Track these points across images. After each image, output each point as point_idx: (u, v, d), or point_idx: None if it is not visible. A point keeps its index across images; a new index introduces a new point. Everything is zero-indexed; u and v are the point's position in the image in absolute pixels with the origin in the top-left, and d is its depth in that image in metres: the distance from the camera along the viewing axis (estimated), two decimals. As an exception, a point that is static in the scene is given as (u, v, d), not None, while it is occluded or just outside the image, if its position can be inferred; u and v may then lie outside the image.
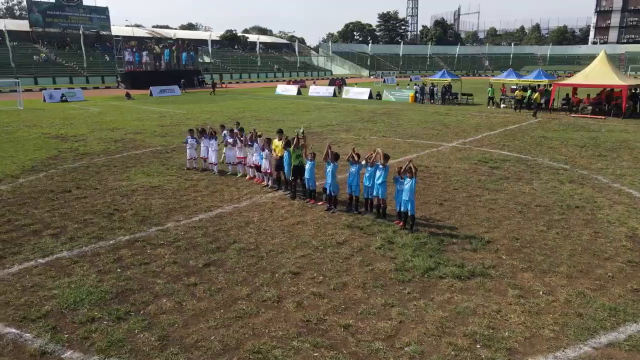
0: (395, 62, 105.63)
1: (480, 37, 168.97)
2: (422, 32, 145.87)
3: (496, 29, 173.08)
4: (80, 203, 11.80)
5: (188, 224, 10.31)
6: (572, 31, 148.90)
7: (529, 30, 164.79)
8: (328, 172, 11.06)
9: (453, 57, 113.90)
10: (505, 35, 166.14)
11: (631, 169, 15.60)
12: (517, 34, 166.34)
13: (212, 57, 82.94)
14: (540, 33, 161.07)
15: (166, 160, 16.84)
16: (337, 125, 26.19)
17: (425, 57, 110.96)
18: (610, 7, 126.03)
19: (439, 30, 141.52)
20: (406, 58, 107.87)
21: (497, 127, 25.36)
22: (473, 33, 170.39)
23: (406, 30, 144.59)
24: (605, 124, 26.34)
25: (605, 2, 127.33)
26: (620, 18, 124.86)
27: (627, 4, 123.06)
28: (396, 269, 8.09)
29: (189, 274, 7.92)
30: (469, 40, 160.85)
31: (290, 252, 8.82)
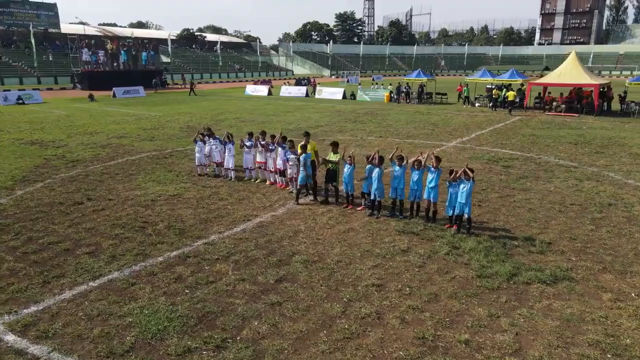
0: (355, 62, 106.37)
1: (432, 37, 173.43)
2: (378, 32, 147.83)
3: (447, 30, 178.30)
4: (101, 216, 10.82)
5: (233, 236, 9.65)
6: (518, 32, 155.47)
7: (478, 31, 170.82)
8: (374, 176, 10.68)
9: (410, 57, 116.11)
10: (455, 36, 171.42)
11: (634, 165, 16.19)
12: (467, 34, 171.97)
13: (172, 56, 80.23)
14: (489, 34, 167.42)
15: (170, 166, 15.88)
16: (327, 126, 25.82)
17: (384, 57, 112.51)
18: (554, 10, 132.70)
19: (394, 30, 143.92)
20: (366, 58, 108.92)
21: (485, 125, 25.83)
22: (425, 33, 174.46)
23: (363, 30, 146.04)
24: (582, 121, 27.42)
25: (549, 4, 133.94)
26: (563, 20, 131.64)
27: (570, 6, 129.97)
28: (478, 276, 7.85)
29: (265, 292, 7.33)
30: (422, 41, 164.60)
31: (359, 263, 8.39)
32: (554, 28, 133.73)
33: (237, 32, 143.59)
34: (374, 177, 10.68)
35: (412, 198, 10.71)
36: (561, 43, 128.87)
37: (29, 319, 6.49)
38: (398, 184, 10.61)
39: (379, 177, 10.64)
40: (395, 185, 10.65)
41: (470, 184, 9.49)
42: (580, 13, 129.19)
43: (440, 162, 10.38)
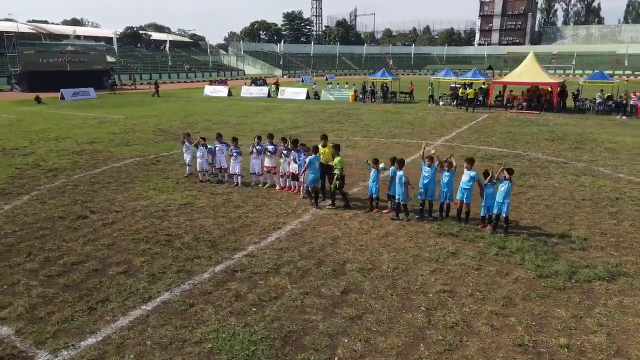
0: (307, 62, 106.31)
1: (377, 37, 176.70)
2: (326, 32, 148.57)
3: (391, 31, 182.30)
4: (115, 230, 9.94)
5: (270, 246, 9.15)
6: (458, 33, 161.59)
7: (421, 32, 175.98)
8: (396, 180, 10.46)
9: (360, 57, 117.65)
10: (399, 36, 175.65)
11: (615, 159, 17.09)
12: (410, 35, 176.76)
13: (118, 56, 76.49)
14: (431, 34, 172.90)
15: (163, 173, 14.98)
16: (306, 127, 25.47)
17: (335, 57, 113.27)
18: (492, 12, 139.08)
19: (341, 30, 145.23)
20: (317, 58, 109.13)
21: (460, 124, 26.46)
22: (370, 34, 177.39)
23: (311, 30, 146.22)
24: (546, 118, 28.74)
25: (487, 7, 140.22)
26: (500, 22, 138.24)
27: (506, 9, 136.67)
28: (539, 276, 7.88)
29: (337, 305, 6.96)
30: (367, 41, 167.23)
31: (416, 268, 8.19)
32: (492, 29, 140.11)
33: (182, 31, 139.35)
34: (396, 181, 10.48)
35: (443, 199, 10.64)
36: (499, 44, 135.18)
37: (94, 352, 5.76)
38: (428, 185, 10.50)
39: (401, 181, 10.42)
40: (425, 186, 10.54)
41: (509, 184, 9.54)
42: (516, 15, 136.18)
43: (473, 163, 10.36)
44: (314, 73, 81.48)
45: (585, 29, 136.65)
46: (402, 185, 10.43)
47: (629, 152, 18.70)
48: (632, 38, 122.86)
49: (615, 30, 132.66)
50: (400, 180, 10.41)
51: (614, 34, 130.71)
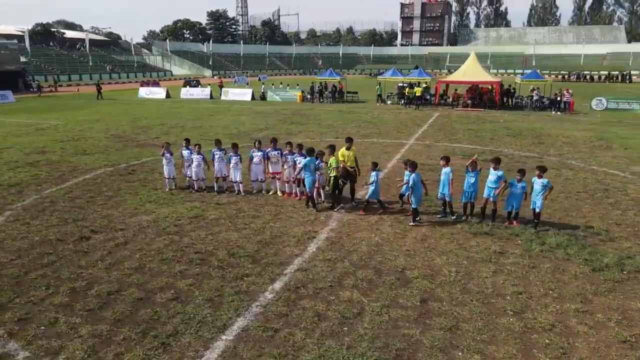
0: (236, 62, 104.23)
1: (302, 37, 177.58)
2: (251, 31, 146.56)
3: (315, 30, 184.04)
4: (132, 250, 8.91)
5: (316, 257, 8.67)
6: (380, 34, 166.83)
7: (344, 32, 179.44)
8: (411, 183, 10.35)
9: (289, 57, 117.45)
10: (323, 36, 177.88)
11: (578, 152, 18.37)
12: (334, 35, 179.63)
13: (31, 55, 69.85)
14: (354, 35, 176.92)
15: (148, 183, 13.79)
16: (269, 128, 24.81)
17: (264, 57, 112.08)
18: (412, 14, 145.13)
19: (267, 30, 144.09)
20: (246, 58, 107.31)
21: (420, 122, 27.13)
22: (295, 33, 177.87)
23: (237, 29, 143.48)
24: (495, 115, 30.35)
25: (407, 9, 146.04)
26: (420, 23, 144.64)
27: (425, 11, 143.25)
28: (593, 270, 8.14)
29: (425, 315, 6.71)
30: (293, 41, 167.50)
31: (477, 271, 8.14)
32: (412, 30, 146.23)
33: (95, 29, 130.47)
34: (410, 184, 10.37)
35: (467, 199, 10.73)
36: (420, 44, 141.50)
37: (201, 397, 5.02)
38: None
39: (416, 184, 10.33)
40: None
41: (542, 182, 9.83)
42: (434, 17, 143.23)
43: (499, 162, 10.52)
44: (246, 73, 79.88)
45: (495, 31, 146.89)
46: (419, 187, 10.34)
47: (585, 145, 20.18)
48: (536, 40, 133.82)
49: (521, 32, 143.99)
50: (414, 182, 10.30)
51: (520, 35, 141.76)
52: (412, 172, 10.38)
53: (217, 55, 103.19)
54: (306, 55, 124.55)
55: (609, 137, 22.29)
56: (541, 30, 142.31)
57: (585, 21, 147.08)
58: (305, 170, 11.18)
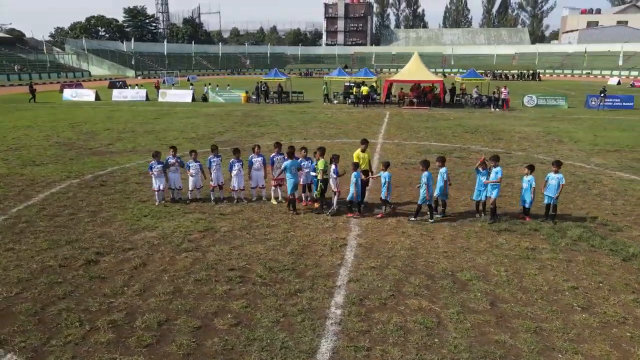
0: (160, 62, 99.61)
1: (225, 36, 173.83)
2: (172, 30, 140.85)
3: (238, 29, 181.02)
4: (156, 272, 8.03)
5: (359, 266, 8.35)
6: (305, 33, 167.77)
7: (268, 32, 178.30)
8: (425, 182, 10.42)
9: (216, 56, 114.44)
10: (247, 35, 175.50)
11: (537, 146, 19.55)
12: (258, 34, 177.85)
13: None
14: (278, 34, 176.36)
15: (131, 195, 12.61)
16: (229, 132, 23.88)
17: (189, 56, 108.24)
18: (336, 14, 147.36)
19: (189, 28, 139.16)
20: (170, 57, 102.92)
21: (376, 121, 27.47)
22: (218, 32, 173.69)
23: (157, 27, 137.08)
24: (443, 113, 31.54)
25: (331, 9, 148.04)
26: (344, 24, 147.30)
27: (348, 12, 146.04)
28: (623, 260, 8.58)
29: (503, 319, 6.65)
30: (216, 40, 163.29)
31: (523, 269, 8.26)
32: (337, 31, 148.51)
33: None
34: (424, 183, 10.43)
35: (478, 197, 10.93)
36: (344, 44, 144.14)
37: None
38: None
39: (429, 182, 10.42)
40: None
41: (558, 178, 10.22)
42: (357, 18, 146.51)
43: (499, 160, 10.73)
44: (176, 73, 76.48)
45: (415, 32, 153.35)
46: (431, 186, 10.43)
47: (539, 139, 21.52)
48: (452, 40, 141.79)
49: (438, 34, 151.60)
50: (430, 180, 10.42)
51: (437, 36, 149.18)
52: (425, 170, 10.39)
53: (138, 55, 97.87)
54: (233, 54, 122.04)
55: (555, 131, 23.97)
56: (456, 31, 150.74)
57: (494, 24, 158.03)
58: (286, 172, 10.87)
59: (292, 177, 10.93)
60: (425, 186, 10.35)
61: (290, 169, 10.95)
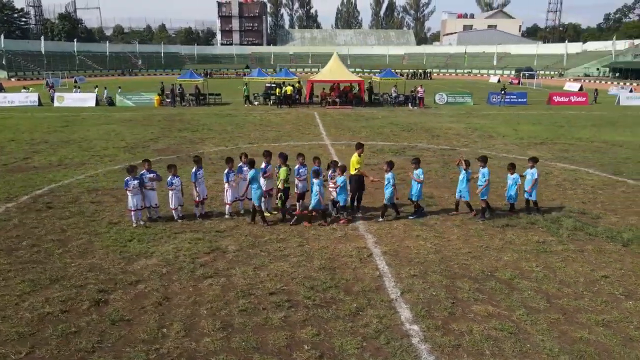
0: (38, 62, 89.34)
1: (107, 34, 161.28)
2: (46, 26, 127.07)
3: (122, 27, 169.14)
4: (186, 307, 7.02)
5: (399, 274, 8.10)
6: (197, 32, 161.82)
7: (156, 30, 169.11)
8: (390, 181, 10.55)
9: (103, 56, 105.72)
10: (132, 34, 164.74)
11: (475, 142, 20.86)
12: (145, 32, 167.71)
13: None
14: (168, 33, 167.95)
15: (95, 216, 10.99)
16: (162, 138, 22.10)
17: (72, 56, 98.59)
18: (230, 13, 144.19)
19: (67, 25, 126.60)
20: (49, 56, 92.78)
21: (309, 122, 27.28)
22: (99, 29, 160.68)
23: (28, 23, 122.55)
24: (369, 112, 32.31)
25: (225, 8, 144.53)
26: (239, 23, 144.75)
27: (243, 11, 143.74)
28: (624, 245, 9.36)
29: (571, 315, 6.85)
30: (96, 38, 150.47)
31: (549, 264, 8.61)
32: (232, 30, 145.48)
33: None
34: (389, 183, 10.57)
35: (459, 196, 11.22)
36: (240, 44, 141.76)
37: None
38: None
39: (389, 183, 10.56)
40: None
41: (532, 172, 10.83)
42: (252, 17, 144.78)
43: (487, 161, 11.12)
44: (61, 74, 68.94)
45: (309, 32, 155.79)
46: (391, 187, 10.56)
47: (471, 135, 22.96)
48: (345, 41, 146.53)
49: (332, 34, 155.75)
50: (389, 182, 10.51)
51: (331, 37, 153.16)
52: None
53: (10, 54, 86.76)
54: (122, 54, 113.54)
55: (479, 127, 25.78)
56: (348, 32, 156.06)
57: (382, 25, 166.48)
58: (252, 183, 10.24)
59: (258, 187, 10.26)
60: (393, 187, 10.42)
61: (256, 178, 10.26)
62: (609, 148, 19.76)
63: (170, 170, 10.49)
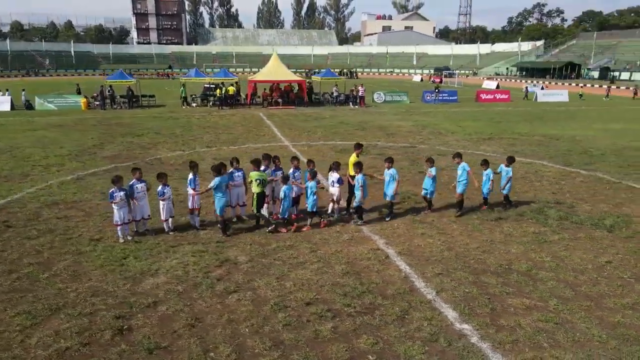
0: None
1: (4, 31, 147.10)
2: None
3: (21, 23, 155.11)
4: (224, 327, 6.50)
5: (425, 275, 8.11)
6: (109, 30, 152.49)
7: (62, 27, 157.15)
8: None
9: (4, 55, 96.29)
10: (34, 31, 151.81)
11: (430, 139, 21.60)
12: (48, 29, 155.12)
13: None
14: (76, 31, 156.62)
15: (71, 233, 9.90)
16: (108, 145, 20.51)
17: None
18: (146, 10, 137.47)
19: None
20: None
21: (259, 123, 26.72)
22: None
23: None
24: (315, 112, 32.26)
25: (140, 5, 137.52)
26: (156, 21, 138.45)
27: (159, 8, 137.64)
28: (609, 231, 10.08)
29: (599, 302, 7.24)
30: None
31: (555, 253, 9.05)
32: (149, 28, 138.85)
33: None
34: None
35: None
36: (159, 42, 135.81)
37: None
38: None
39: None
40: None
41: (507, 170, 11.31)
42: (170, 15, 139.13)
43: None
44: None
45: (232, 32, 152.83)
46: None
47: (423, 132, 23.71)
48: (268, 41, 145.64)
49: (255, 34, 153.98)
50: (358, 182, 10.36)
51: (254, 36, 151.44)
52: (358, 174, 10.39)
53: None
54: (26, 53, 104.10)
55: (426, 124, 26.72)
56: (271, 32, 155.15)
57: (304, 25, 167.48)
58: (216, 191, 9.56)
59: (222, 195, 9.60)
60: (361, 188, 10.24)
61: (221, 186, 9.59)
62: (549, 141, 21.33)
63: (160, 179, 9.66)
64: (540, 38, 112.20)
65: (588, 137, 22.50)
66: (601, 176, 14.87)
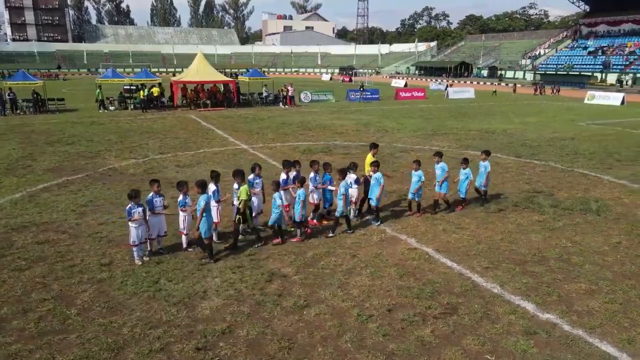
0: None
1: None
2: None
3: None
4: (327, 348, 6.11)
5: (477, 270, 8.33)
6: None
7: None
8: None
9: None
10: None
11: (382, 138, 22.17)
12: None
13: None
14: None
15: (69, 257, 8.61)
16: (41, 156, 18.19)
17: None
18: (22, 4, 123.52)
19: None
20: None
21: (199, 127, 25.42)
22: None
23: None
24: (249, 113, 31.44)
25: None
26: (34, 16, 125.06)
27: (38, 2, 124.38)
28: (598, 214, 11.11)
29: (636, 279, 7.98)
30: None
31: (567, 241, 9.77)
32: (26, 23, 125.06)
33: None
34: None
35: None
36: (39, 40, 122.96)
37: None
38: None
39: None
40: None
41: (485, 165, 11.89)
42: (50, 10, 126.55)
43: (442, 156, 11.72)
44: None
45: (124, 29, 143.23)
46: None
47: (370, 131, 24.24)
48: (165, 39, 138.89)
49: (150, 32, 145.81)
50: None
51: (149, 34, 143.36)
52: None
53: None
54: None
55: (366, 123, 27.33)
56: (168, 30, 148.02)
57: (202, 24, 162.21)
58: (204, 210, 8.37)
59: (208, 215, 8.47)
60: (343, 196, 9.72)
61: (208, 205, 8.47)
62: (488, 135, 22.99)
63: (181, 188, 8.72)
64: (432, 39, 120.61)
65: (517, 130, 24.62)
66: (554, 165, 16.35)
